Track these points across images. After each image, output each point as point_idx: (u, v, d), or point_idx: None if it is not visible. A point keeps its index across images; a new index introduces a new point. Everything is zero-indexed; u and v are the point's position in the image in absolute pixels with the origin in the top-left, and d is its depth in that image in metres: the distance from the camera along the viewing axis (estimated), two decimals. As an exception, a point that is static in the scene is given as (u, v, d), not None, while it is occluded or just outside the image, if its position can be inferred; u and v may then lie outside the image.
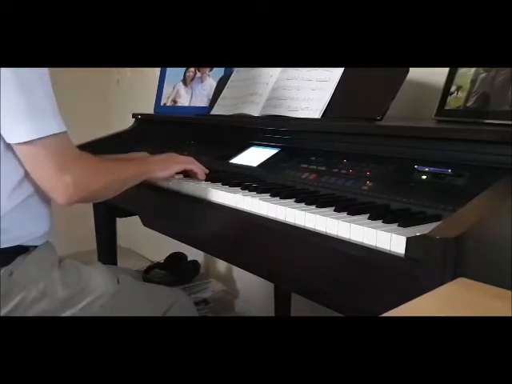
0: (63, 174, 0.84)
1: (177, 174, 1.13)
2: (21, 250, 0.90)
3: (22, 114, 0.79)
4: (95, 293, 0.95)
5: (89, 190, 0.89)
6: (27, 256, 0.90)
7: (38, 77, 0.81)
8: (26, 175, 0.88)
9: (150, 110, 1.85)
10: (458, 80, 1.05)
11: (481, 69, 1.00)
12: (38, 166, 0.84)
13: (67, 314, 0.91)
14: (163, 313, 1.03)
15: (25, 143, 0.81)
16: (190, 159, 1.13)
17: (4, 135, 0.81)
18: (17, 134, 0.80)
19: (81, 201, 0.89)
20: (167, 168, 1.08)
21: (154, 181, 1.11)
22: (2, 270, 0.86)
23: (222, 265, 2.25)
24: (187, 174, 1.15)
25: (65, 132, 0.85)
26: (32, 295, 0.88)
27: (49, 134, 0.81)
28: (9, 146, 0.83)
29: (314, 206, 0.84)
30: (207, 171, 1.13)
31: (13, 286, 0.87)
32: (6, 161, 0.84)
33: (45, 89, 0.82)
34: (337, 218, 0.76)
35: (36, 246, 0.92)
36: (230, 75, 1.46)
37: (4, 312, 0.86)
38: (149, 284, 1.16)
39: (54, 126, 0.82)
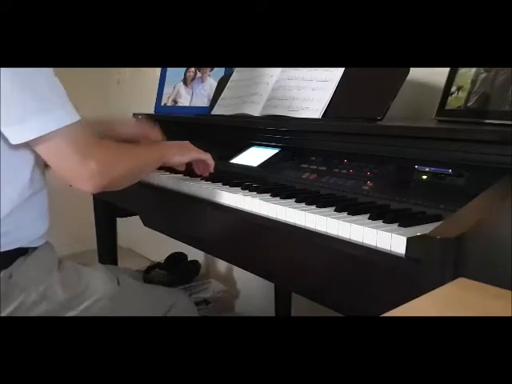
0: (87, 161, 0.82)
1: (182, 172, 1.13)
2: (21, 252, 0.89)
3: (29, 111, 0.78)
4: (95, 295, 0.94)
5: (113, 176, 0.88)
6: (27, 258, 0.89)
7: (38, 71, 0.79)
8: (30, 178, 0.87)
9: (151, 110, 1.85)
10: (458, 80, 1.05)
11: (481, 69, 1.00)
12: (61, 159, 0.83)
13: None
14: (163, 314, 1.02)
15: (41, 139, 0.79)
16: (204, 151, 1.12)
17: (11, 136, 0.80)
18: (28, 131, 0.79)
19: (106, 187, 0.87)
20: (184, 153, 1.07)
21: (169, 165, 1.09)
22: (2, 272, 0.86)
23: (222, 265, 2.25)
24: (189, 172, 1.15)
25: (79, 121, 0.83)
26: (32, 298, 0.87)
27: (60, 126, 0.80)
28: (12, 148, 0.82)
29: (314, 206, 0.84)
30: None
31: (12, 289, 0.86)
32: (10, 163, 0.83)
33: (48, 82, 0.81)
34: (337, 218, 0.76)
35: (35, 248, 0.92)
36: (231, 75, 1.46)
37: (4, 315, 0.85)
38: (149, 285, 1.16)
39: (64, 117, 0.81)
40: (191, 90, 1.72)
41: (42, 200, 0.93)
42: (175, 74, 1.78)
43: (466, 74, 1.03)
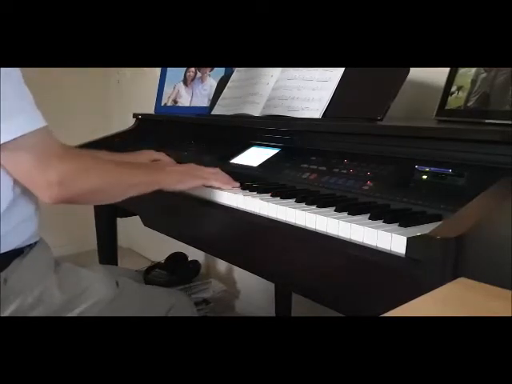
0: (45, 170, 0.78)
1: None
2: (16, 253, 0.87)
3: None
4: (93, 298, 0.92)
5: (76, 190, 0.82)
6: (22, 260, 0.87)
7: None
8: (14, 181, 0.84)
9: (151, 110, 1.85)
10: (458, 80, 1.05)
11: (481, 69, 1.00)
12: (19, 167, 0.79)
13: None
14: (163, 316, 1.02)
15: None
16: (214, 173, 1.03)
17: None
18: None
19: (67, 200, 0.82)
20: (186, 181, 1.00)
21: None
22: None
23: (222, 265, 2.25)
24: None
25: (43, 128, 0.79)
26: (28, 302, 0.86)
27: (18, 134, 0.75)
28: None
29: (314, 206, 0.84)
30: (236, 184, 1.03)
31: (8, 294, 0.84)
32: None
33: (11, 87, 0.76)
34: (337, 218, 0.76)
35: (30, 246, 0.90)
36: (231, 75, 1.46)
37: None
38: (148, 286, 1.15)
39: (23, 125, 0.76)
40: (191, 90, 1.72)
41: (30, 200, 0.90)
42: (175, 74, 1.78)
43: (466, 73, 1.03)
